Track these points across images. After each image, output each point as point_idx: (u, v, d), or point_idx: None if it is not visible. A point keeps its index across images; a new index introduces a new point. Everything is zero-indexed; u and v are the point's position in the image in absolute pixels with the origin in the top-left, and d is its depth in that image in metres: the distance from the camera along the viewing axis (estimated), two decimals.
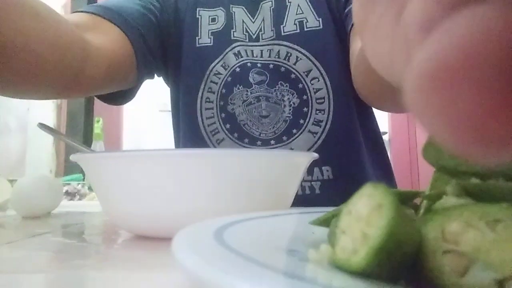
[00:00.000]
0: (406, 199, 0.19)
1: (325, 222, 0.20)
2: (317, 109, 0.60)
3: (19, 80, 0.42)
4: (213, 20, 0.64)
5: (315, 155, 0.37)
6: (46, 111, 1.86)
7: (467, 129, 0.07)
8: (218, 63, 0.63)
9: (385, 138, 2.50)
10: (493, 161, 0.07)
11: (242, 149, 0.59)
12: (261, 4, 0.64)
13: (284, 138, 0.60)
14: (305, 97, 0.60)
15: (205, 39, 0.64)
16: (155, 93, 1.66)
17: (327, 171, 0.60)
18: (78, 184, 0.94)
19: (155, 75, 0.67)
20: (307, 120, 0.60)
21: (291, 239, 0.19)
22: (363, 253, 0.13)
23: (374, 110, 0.68)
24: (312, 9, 0.62)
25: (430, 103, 0.07)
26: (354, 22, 0.14)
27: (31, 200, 0.48)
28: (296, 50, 0.61)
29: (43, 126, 0.44)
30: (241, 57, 0.62)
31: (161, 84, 0.73)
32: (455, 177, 0.17)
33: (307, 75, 0.60)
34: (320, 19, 0.61)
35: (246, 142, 0.61)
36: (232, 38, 0.63)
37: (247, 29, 0.63)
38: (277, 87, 0.61)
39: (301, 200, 0.55)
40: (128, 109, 2.51)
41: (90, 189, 0.92)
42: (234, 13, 0.64)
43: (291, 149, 0.60)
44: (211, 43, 0.63)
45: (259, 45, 0.62)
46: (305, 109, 0.60)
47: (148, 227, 0.33)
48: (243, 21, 0.64)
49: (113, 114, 2.24)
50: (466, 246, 0.13)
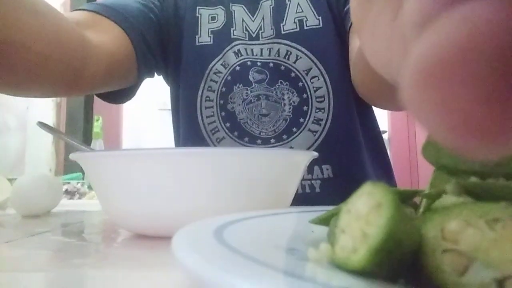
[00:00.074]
0: (405, 198, 0.19)
1: (325, 221, 0.20)
2: (317, 108, 0.60)
3: (19, 77, 0.42)
4: (213, 18, 0.64)
5: (315, 154, 0.37)
6: (46, 109, 1.86)
7: (463, 124, 0.07)
8: (218, 61, 0.63)
9: (385, 137, 2.50)
10: (489, 156, 0.07)
11: (242, 148, 0.59)
12: (261, 2, 0.64)
13: (284, 136, 0.60)
14: (305, 95, 0.60)
15: (205, 37, 0.64)
16: (154, 91, 1.66)
17: (327, 169, 0.60)
18: (78, 183, 0.94)
19: (155, 73, 0.67)
20: (307, 119, 0.60)
21: (290, 238, 0.20)
22: (363, 252, 0.13)
23: (374, 108, 0.68)
24: (312, 8, 0.62)
25: (426, 98, 0.07)
26: (352, 21, 0.14)
27: (30, 199, 0.48)
28: (296, 48, 0.60)
29: (42, 125, 0.44)
30: (241, 55, 0.62)
31: (161, 83, 0.73)
32: (455, 176, 0.17)
33: (307, 74, 0.60)
34: (320, 18, 0.61)
35: (246, 141, 0.61)
36: (232, 36, 0.63)
37: (247, 27, 0.63)
38: (277, 85, 0.61)
39: (301, 199, 0.55)
40: (128, 107, 2.51)
41: (89, 188, 0.92)
42: (234, 11, 0.64)
43: (291, 147, 0.60)
44: (211, 42, 0.63)
45: (259, 43, 0.62)
46: (305, 107, 0.60)
47: (148, 226, 0.33)
48: (243, 20, 0.64)
49: (112, 113, 2.24)
50: (465, 245, 0.13)
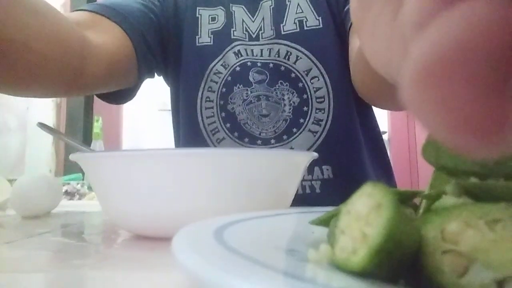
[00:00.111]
0: (405, 199, 0.19)
1: (325, 221, 0.20)
2: (317, 108, 0.60)
3: (19, 77, 0.42)
4: (213, 19, 0.64)
5: (315, 155, 0.37)
6: (46, 110, 1.86)
7: (463, 123, 0.07)
8: (218, 62, 0.63)
9: (385, 137, 2.50)
10: (489, 155, 0.07)
11: (242, 148, 0.59)
12: (261, 3, 0.64)
13: (284, 137, 0.60)
14: (305, 96, 0.60)
15: (205, 38, 0.64)
16: (154, 92, 1.66)
17: (327, 170, 0.60)
18: (78, 183, 0.94)
19: (155, 74, 0.67)
20: (307, 119, 0.60)
21: (291, 238, 0.19)
22: (363, 253, 0.13)
23: (374, 109, 0.68)
24: (312, 8, 0.62)
25: (426, 97, 0.07)
26: (352, 20, 0.14)
27: (30, 200, 0.48)
28: (296, 49, 0.61)
29: (42, 126, 0.44)
30: (241, 56, 0.62)
31: (161, 83, 0.73)
32: (455, 177, 0.17)
33: (307, 74, 0.60)
34: (320, 18, 0.61)
35: (246, 141, 0.61)
36: (232, 37, 0.63)
37: (247, 28, 0.63)
38: (277, 86, 0.61)
39: (302, 199, 0.55)
40: (128, 108, 2.51)
41: (89, 188, 0.92)
42: (234, 12, 0.64)
43: (291, 148, 0.60)
44: (211, 42, 0.63)
45: (259, 44, 0.62)
46: (305, 108, 0.60)
47: (148, 227, 0.33)
48: (243, 20, 0.64)
49: (112, 114, 2.24)
50: (465, 246, 0.13)
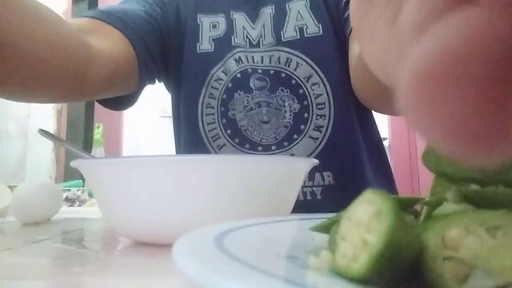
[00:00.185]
0: (406, 206, 0.19)
1: (326, 228, 0.20)
2: (317, 115, 0.60)
3: (20, 82, 0.42)
4: (214, 26, 0.65)
5: (315, 161, 0.37)
6: (47, 117, 1.87)
7: (461, 128, 0.07)
8: (219, 69, 0.63)
9: (385, 144, 2.50)
10: (487, 162, 0.07)
11: (242, 155, 0.59)
12: (261, 10, 0.64)
13: (285, 143, 0.60)
14: (305, 102, 0.60)
15: (206, 45, 0.64)
16: (155, 99, 1.66)
17: (328, 176, 0.60)
18: (78, 190, 0.94)
19: (156, 80, 0.68)
20: (307, 126, 0.60)
21: (291, 245, 0.19)
22: (363, 259, 0.13)
23: (375, 115, 0.68)
24: (312, 16, 0.62)
25: (424, 101, 0.07)
26: (351, 24, 0.14)
27: (31, 206, 0.48)
28: (297, 56, 0.61)
29: (43, 132, 0.44)
30: (242, 63, 0.62)
31: (162, 90, 0.74)
32: (455, 184, 0.17)
33: (307, 81, 0.60)
34: (320, 26, 0.62)
35: (247, 148, 0.61)
36: (233, 44, 0.63)
37: (248, 35, 0.64)
38: (277, 92, 0.61)
39: (303, 206, 0.55)
40: (129, 115, 2.51)
41: (90, 195, 0.92)
42: (235, 19, 0.64)
43: (292, 154, 0.60)
44: (212, 49, 0.64)
45: (259, 51, 0.62)
46: (305, 114, 0.60)
47: (148, 234, 0.33)
48: (243, 27, 0.64)
49: (113, 120, 2.24)
50: (466, 252, 0.13)
